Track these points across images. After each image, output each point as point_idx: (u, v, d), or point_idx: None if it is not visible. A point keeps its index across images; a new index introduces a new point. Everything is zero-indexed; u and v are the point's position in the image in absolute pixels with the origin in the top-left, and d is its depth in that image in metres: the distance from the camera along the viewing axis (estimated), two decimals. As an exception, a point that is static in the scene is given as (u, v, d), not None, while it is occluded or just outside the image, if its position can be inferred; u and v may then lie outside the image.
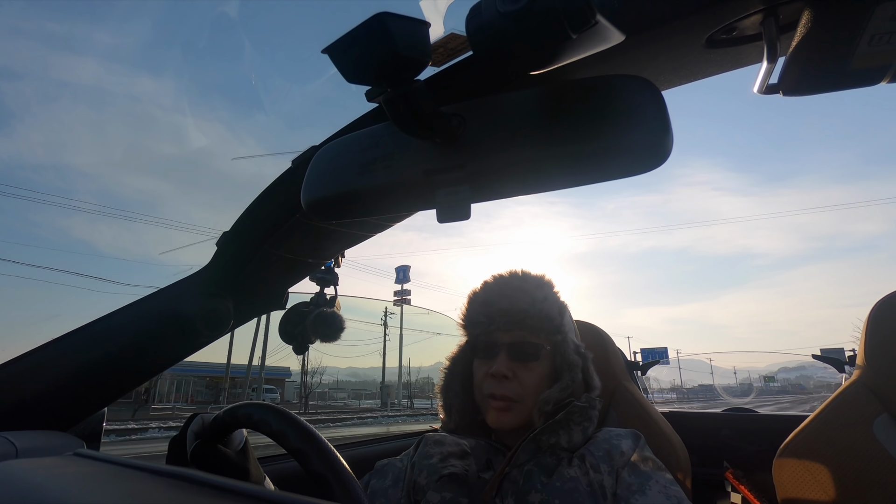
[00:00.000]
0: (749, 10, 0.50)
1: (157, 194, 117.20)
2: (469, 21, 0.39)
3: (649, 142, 0.44)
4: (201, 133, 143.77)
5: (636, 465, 0.82)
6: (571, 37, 0.36)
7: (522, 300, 0.91)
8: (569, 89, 0.50)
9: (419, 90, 0.43)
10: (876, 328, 1.11)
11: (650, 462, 0.83)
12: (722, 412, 1.89)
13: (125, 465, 0.49)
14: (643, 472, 0.80)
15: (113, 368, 0.90)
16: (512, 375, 0.88)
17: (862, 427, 1.04)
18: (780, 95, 0.57)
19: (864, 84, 0.54)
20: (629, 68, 0.60)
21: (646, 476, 0.79)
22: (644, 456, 0.84)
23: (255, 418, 0.66)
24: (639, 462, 0.82)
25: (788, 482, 1.09)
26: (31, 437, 0.76)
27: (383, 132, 0.56)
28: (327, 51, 0.40)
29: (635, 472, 0.80)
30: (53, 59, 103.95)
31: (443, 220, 0.50)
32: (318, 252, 0.98)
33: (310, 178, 0.58)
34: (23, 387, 0.83)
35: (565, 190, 0.50)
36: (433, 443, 0.90)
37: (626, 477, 0.79)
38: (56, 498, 0.38)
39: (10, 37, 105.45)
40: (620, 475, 0.80)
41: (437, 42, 0.64)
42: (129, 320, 0.93)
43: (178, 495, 0.38)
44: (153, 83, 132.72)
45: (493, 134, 0.50)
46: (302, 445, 0.62)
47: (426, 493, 0.81)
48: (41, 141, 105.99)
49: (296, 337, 0.99)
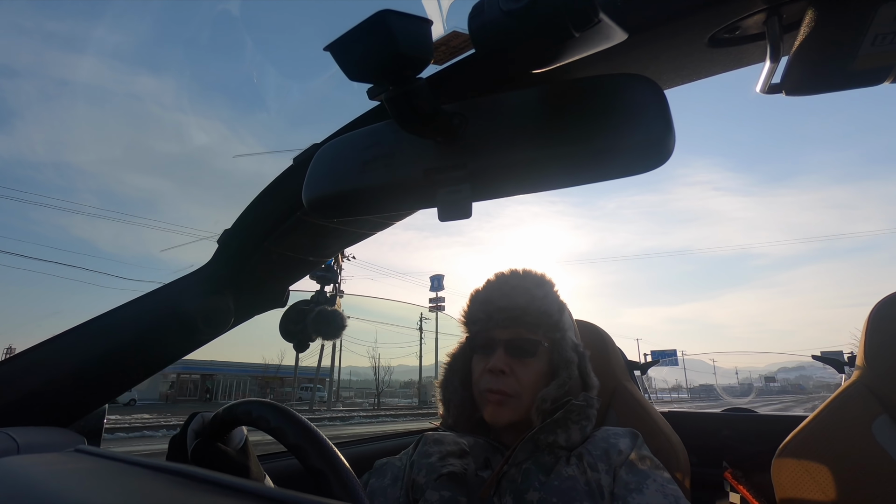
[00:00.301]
0: (752, 10, 0.50)
1: (158, 192, 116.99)
2: (471, 19, 0.38)
3: (651, 141, 0.44)
4: (203, 131, 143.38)
5: (634, 463, 0.82)
6: (574, 35, 0.36)
7: (521, 297, 0.91)
8: (571, 88, 0.50)
9: (421, 88, 0.43)
10: (876, 329, 1.11)
11: (648, 461, 0.83)
12: (721, 412, 1.89)
13: (126, 461, 0.49)
14: (641, 471, 0.80)
15: (114, 365, 0.90)
16: (509, 371, 0.88)
17: (861, 428, 1.04)
18: (782, 95, 0.57)
19: (867, 84, 0.54)
20: (632, 67, 0.60)
21: (643, 475, 0.79)
22: (642, 455, 0.84)
23: (254, 415, 0.66)
24: (636, 461, 0.83)
25: (787, 482, 1.09)
26: (33, 433, 0.76)
27: (385, 130, 0.56)
28: (329, 48, 0.40)
29: (633, 470, 0.80)
30: (54, 57, 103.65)
31: (444, 219, 0.50)
32: (319, 250, 0.98)
33: (311, 176, 0.58)
34: (24, 383, 0.83)
35: (566, 189, 0.50)
36: (432, 442, 0.90)
37: (623, 475, 0.79)
38: (57, 494, 0.39)
39: (10, 35, 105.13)
40: (618, 474, 0.80)
41: (439, 40, 0.64)
42: (130, 317, 0.93)
43: (179, 492, 0.38)
44: (154, 81, 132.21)
45: (495, 133, 0.50)
46: (300, 442, 0.62)
47: (425, 492, 0.81)
48: (41, 139, 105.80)
49: (296, 335, 0.99)
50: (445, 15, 0.65)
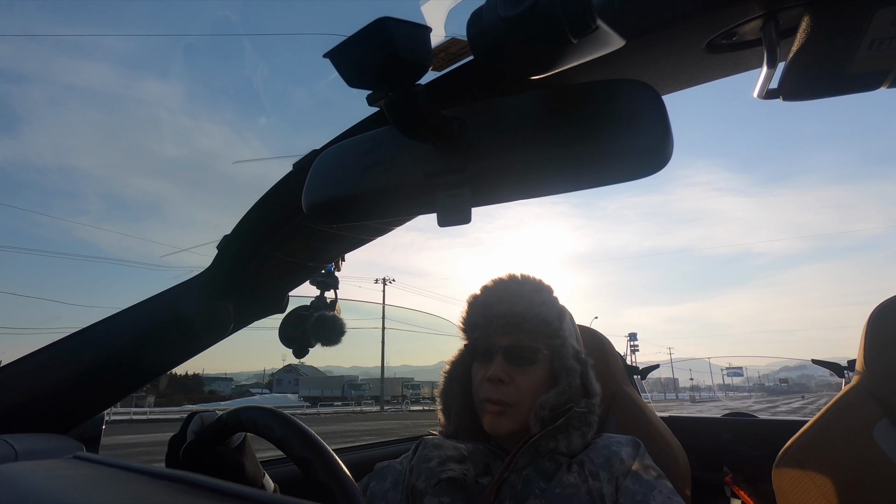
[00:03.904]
0: (749, 16, 0.51)
1: (161, 196, 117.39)
2: (470, 26, 0.39)
3: (649, 146, 0.44)
4: (206, 136, 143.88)
5: (639, 474, 0.82)
6: (572, 41, 0.36)
7: (520, 304, 0.91)
8: (569, 93, 0.50)
9: (420, 94, 0.43)
10: (876, 333, 1.11)
11: (652, 471, 0.83)
12: (721, 417, 1.89)
13: (124, 468, 0.49)
14: (646, 481, 0.80)
15: (113, 371, 0.90)
16: (508, 379, 0.87)
17: (862, 432, 1.03)
18: (779, 100, 0.57)
19: (864, 89, 0.54)
20: (629, 73, 0.60)
21: (649, 485, 0.79)
22: (646, 464, 0.84)
23: (260, 423, 0.64)
24: (641, 471, 0.82)
25: (788, 487, 1.08)
26: (31, 439, 0.76)
27: (384, 136, 0.56)
28: (329, 55, 0.41)
29: (639, 481, 0.80)
30: (62, 64, 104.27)
31: (443, 224, 0.50)
32: (319, 255, 0.98)
33: (311, 181, 0.58)
34: (23, 390, 0.83)
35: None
36: (432, 446, 0.89)
37: (629, 485, 0.79)
38: (55, 500, 0.38)
39: (20, 43, 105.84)
40: (621, 483, 0.80)
41: (438, 46, 0.64)
42: (129, 323, 0.93)
43: (177, 498, 0.38)
44: (160, 86, 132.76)
45: (494, 138, 0.50)
46: (307, 455, 0.61)
47: (424, 498, 0.81)
48: (48, 144, 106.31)
49: (296, 340, 0.99)
50: (444, 22, 0.65)
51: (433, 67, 0.65)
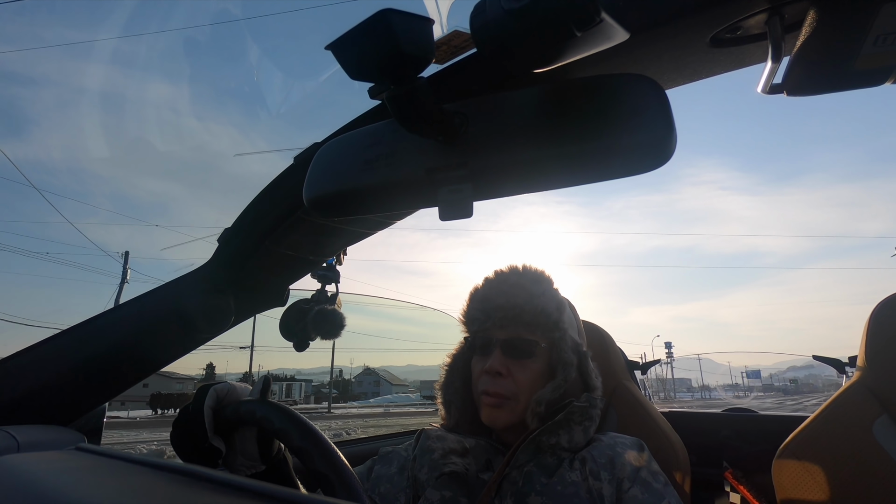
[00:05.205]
0: (754, 10, 0.50)
1: (169, 196, 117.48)
2: (473, 18, 0.38)
3: (653, 140, 0.44)
4: (211, 135, 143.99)
5: (648, 482, 0.81)
6: (576, 35, 0.36)
7: (519, 296, 0.91)
8: (572, 87, 0.50)
9: (422, 87, 0.43)
10: (877, 329, 1.11)
11: (661, 477, 0.83)
12: (721, 412, 1.89)
13: (126, 459, 0.49)
14: (656, 490, 0.80)
15: (114, 364, 0.90)
16: (506, 372, 0.87)
17: (862, 428, 1.04)
18: (784, 95, 0.57)
19: (869, 84, 0.54)
20: (633, 67, 0.59)
21: (658, 495, 0.79)
22: (653, 470, 0.84)
23: (258, 416, 0.66)
24: (649, 478, 0.82)
25: (788, 483, 1.09)
26: (33, 431, 0.76)
27: (386, 129, 0.56)
28: (330, 47, 0.40)
29: (648, 489, 0.80)
30: (72, 66, 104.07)
31: (445, 219, 0.50)
32: (320, 249, 0.98)
33: (312, 175, 0.58)
34: (24, 381, 0.83)
35: (572, 189, 0.50)
36: (435, 438, 0.89)
37: (638, 494, 0.79)
38: (57, 492, 0.39)
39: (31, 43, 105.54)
40: (625, 487, 0.80)
41: (441, 39, 0.64)
42: (130, 316, 0.93)
43: (179, 490, 0.38)
44: (167, 88, 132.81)
45: (496, 132, 0.50)
46: (304, 444, 0.62)
47: (426, 490, 0.81)
48: (58, 145, 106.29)
49: (296, 334, 0.99)
50: (447, 14, 0.65)
51: (435, 60, 0.65)
